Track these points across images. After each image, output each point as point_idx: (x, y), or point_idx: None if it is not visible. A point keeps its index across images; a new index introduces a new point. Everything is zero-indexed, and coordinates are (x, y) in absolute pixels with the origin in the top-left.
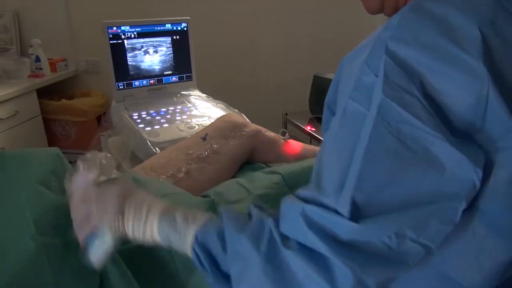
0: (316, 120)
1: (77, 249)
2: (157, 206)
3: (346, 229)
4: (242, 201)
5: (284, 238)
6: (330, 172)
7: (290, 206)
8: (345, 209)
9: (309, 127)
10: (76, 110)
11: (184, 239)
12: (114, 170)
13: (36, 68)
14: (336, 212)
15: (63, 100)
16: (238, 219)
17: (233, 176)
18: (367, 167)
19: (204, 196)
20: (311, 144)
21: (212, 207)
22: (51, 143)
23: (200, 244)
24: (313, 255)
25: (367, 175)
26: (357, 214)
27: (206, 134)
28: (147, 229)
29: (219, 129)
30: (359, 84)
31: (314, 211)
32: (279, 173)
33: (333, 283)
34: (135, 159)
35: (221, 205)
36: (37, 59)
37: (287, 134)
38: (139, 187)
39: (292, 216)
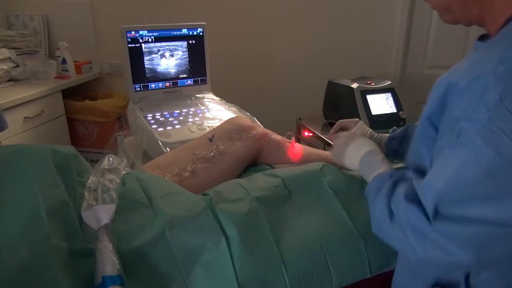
0: (330, 125)
1: (80, 259)
2: (363, 149)
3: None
4: (240, 201)
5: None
6: (436, 179)
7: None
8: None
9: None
10: (98, 110)
11: (368, 176)
12: (127, 168)
13: (62, 70)
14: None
15: (87, 101)
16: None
17: (238, 177)
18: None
19: (205, 195)
20: (324, 149)
21: (210, 205)
22: (74, 142)
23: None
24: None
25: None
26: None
27: (213, 136)
28: (355, 163)
29: (226, 131)
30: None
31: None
32: (279, 177)
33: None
34: (147, 158)
35: (220, 203)
36: (64, 61)
37: (293, 137)
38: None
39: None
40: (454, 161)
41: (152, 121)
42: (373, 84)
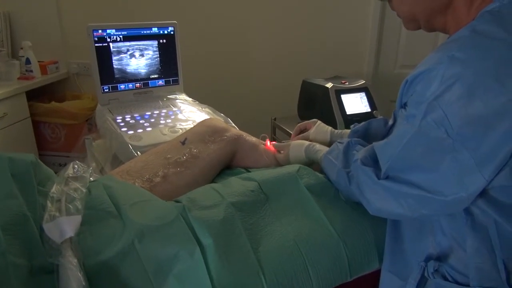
0: None
1: (41, 276)
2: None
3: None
4: (215, 207)
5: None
6: (391, 148)
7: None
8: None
9: None
10: (65, 112)
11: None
12: (95, 174)
13: (26, 71)
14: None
15: (53, 103)
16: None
17: (212, 181)
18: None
19: (177, 202)
20: None
21: (183, 213)
22: (40, 146)
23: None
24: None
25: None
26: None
27: (186, 139)
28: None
29: (199, 133)
30: None
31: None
32: (255, 180)
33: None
34: (117, 162)
35: (193, 211)
36: (28, 61)
37: (268, 139)
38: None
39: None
40: (404, 137)
41: (122, 124)
42: (347, 83)
